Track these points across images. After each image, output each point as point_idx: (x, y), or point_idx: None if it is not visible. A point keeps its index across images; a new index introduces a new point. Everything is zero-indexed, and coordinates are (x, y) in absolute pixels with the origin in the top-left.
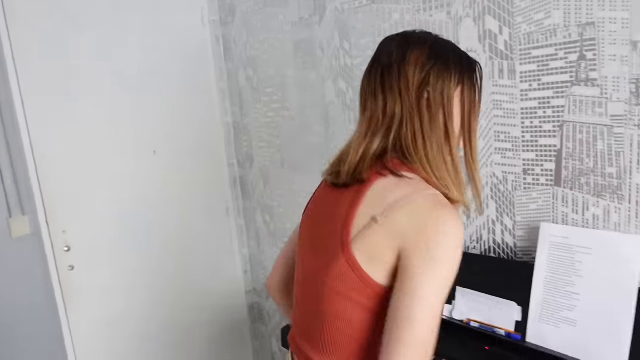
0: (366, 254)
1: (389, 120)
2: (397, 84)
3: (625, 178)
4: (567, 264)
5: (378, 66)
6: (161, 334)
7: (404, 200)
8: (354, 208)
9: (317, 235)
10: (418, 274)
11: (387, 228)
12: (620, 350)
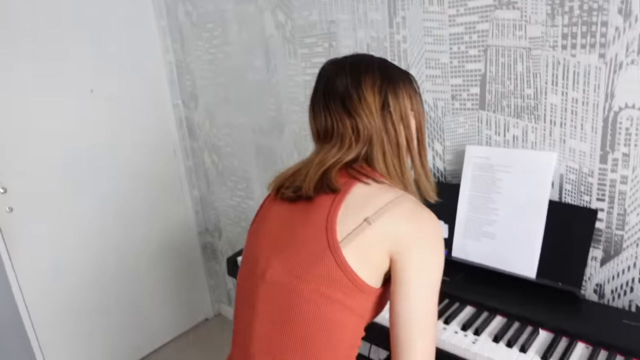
0: (357, 255)
1: (364, 140)
2: (361, 109)
3: (541, 98)
4: (488, 182)
5: (334, 94)
6: (112, 279)
7: (392, 203)
8: (334, 213)
9: (287, 243)
10: (414, 277)
11: (379, 229)
12: (532, 256)
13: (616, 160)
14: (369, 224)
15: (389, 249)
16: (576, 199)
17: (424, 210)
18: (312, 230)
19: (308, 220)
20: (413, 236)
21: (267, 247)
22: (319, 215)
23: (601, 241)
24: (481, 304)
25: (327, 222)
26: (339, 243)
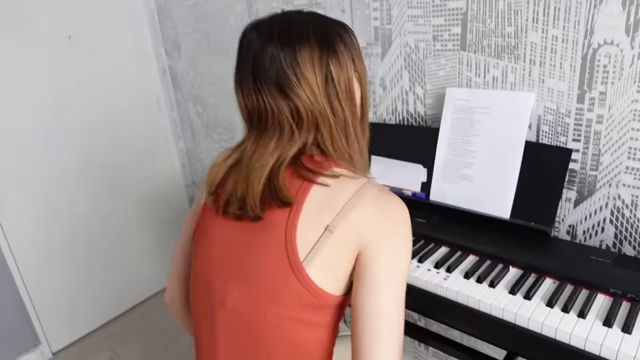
0: (323, 269)
1: (308, 125)
2: (301, 90)
3: (522, 37)
4: (467, 124)
5: (265, 76)
6: (99, 232)
7: (352, 201)
8: (292, 232)
9: (245, 268)
10: (383, 269)
11: (343, 234)
12: (507, 197)
13: (593, 99)
14: (331, 232)
15: (356, 248)
16: (553, 140)
17: (386, 198)
18: (271, 253)
19: (264, 242)
20: (378, 229)
21: (223, 273)
22: (275, 235)
23: (575, 182)
24: (455, 244)
25: (286, 243)
26: (302, 263)
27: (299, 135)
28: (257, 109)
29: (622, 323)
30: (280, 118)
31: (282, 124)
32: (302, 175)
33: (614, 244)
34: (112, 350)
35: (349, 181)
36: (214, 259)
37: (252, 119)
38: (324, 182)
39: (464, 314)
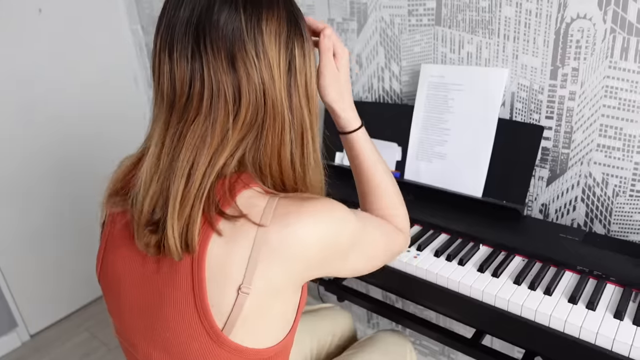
0: (251, 330)
1: (244, 121)
2: (257, 70)
3: (496, 11)
4: (441, 101)
5: (215, 35)
6: (75, 214)
7: (255, 251)
8: (202, 292)
9: (161, 334)
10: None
11: (262, 290)
12: (479, 176)
13: (566, 75)
14: (247, 294)
15: (294, 287)
16: (526, 118)
17: (289, 221)
18: (185, 322)
19: (174, 303)
20: (306, 266)
21: (141, 334)
22: (183, 294)
23: (548, 160)
24: (427, 222)
25: (197, 308)
26: (222, 331)
27: (232, 136)
28: (188, 83)
29: (587, 300)
30: (217, 103)
31: (215, 114)
32: (205, 212)
33: (585, 223)
34: (90, 332)
35: (245, 226)
36: (127, 320)
37: (172, 94)
38: (220, 229)
39: (434, 292)
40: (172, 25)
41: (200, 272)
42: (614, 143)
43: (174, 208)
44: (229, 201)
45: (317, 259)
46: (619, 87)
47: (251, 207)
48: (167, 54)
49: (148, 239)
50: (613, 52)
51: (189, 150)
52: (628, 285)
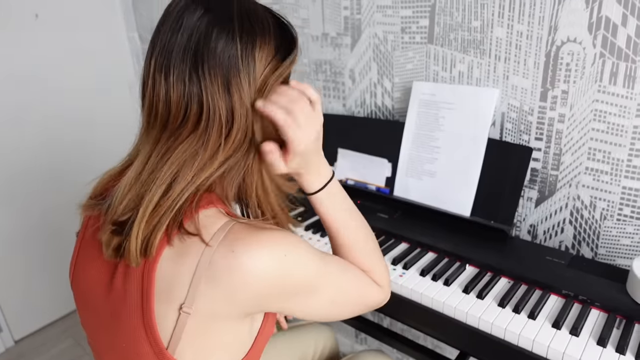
0: (196, 350)
1: (234, 149)
2: (248, 99)
3: (487, 32)
4: (432, 119)
5: (213, 60)
6: (64, 222)
7: (198, 272)
8: (148, 301)
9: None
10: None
11: (203, 314)
12: (468, 195)
13: (555, 97)
14: (188, 314)
15: (237, 314)
16: (516, 138)
17: (236, 247)
18: (133, 336)
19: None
20: (252, 293)
21: (101, 341)
22: (134, 307)
23: (537, 182)
24: (415, 240)
25: (144, 324)
26: (167, 350)
27: (219, 155)
28: (184, 105)
29: (571, 325)
30: (212, 125)
31: (210, 135)
32: (170, 223)
33: (573, 245)
34: (75, 338)
35: (194, 244)
36: (95, 331)
37: (167, 120)
38: (174, 242)
39: (418, 312)
40: (169, 49)
41: (149, 285)
42: (602, 167)
43: (144, 214)
44: (190, 215)
45: (262, 294)
46: (607, 111)
47: (207, 226)
48: (163, 76)
49: (109, 238)
50: (602, 76)
51: (173, 165)
52: (613, 311)
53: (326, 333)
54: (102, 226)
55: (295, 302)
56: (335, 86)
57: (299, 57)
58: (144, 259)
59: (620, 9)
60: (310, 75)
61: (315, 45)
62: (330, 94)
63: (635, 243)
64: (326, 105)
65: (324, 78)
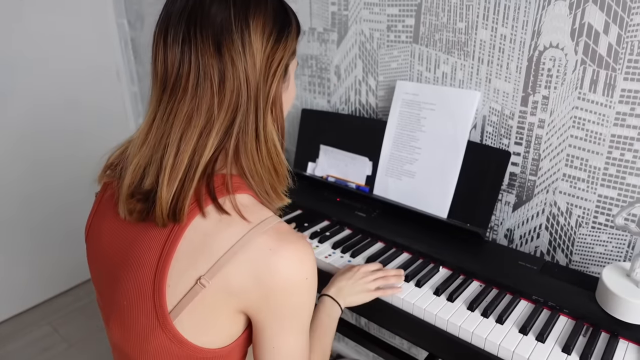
0: (194, 325)
1: (231, 113)
2: (241, 59)
3: (472, 34)
4: (414, 119)
5: (205, 24)
6: (46, 206)
7: (231, 252)
8: (163, 271)
9: (118, 304)
10: (276, 333)
11: (219, 290)
12: (446, 197)
13: (536, 102)
14: (203, 287)
15: (237, 308)
16: (496, 142)
17: (274, 249)
18: (139, 294)
19: (136, 273)
20: (264, 291)
21: (105, 297)
22: (147, 264)
23: (515, 186)
24: (391, 240)
25: (154, 283)
26: (169, 314)
27: (217, 117)
28: (178, 64)
29: (538, 331)
30: (203, 85)
31: (201, 95)
32: (197, 192)
33: (548, 251)
34: (52, 326)
35: (235, 223)
36: (101, 284)
37: (165, 80)
38: (208, 213)
39: (388, 312)
40: (169, 14)
41: (172, 248)
42: (579, 174)
43: (165, 177)
44: (225, 193)
45: (269, 296)
46: (586, 119)
47: (252, 211)
48: (162, 39)
49: (133, 206)
50: (583, 83)
51: (177, 125)
52: (580, 319)
53: None
54: (119, 191)
55: (275, 321)
56: (320, 82)
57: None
58: (172, 223)
59: (602, 16)
60: (297, 70)
61: (302, 40)
62: (316, 89)
63: (608, 251)
64: (311, 101)
65: (309, 73)
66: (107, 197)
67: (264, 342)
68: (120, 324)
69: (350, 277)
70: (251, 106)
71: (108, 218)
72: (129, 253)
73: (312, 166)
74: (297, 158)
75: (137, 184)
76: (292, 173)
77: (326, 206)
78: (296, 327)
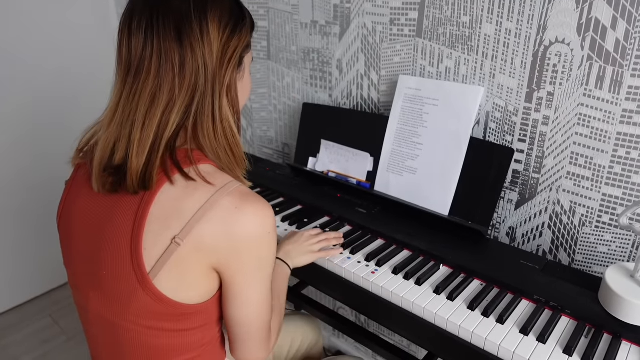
0: (173, 282)
1: (191, 93)
2: (199, 46)
3: (476, 28)
4: (416, 115)
5: (166, 13)
6: (47, 198)
7: (200, 211)
8: (139, 233)
9: (97, 274)
10: (244, 285)
11: (192, 247)
12: (447, 194)
13: (541, 99)
14: (178, 245)
15: (210, 264)
16: (499, 139)
17: (240, 207)
18: (118, 260)
19: (112, 241)
20: (227, 247)
21: (83, 275)
22: (122, 232)
23: (518, 184)
24: (391, 237)
25: (131, 247)
26: (148, 274)
27: (178, 96)
28: (141, 48)
29: (539, 332)
30: (165, 67)
31: (162, 77)
32: (163, 163)
33: (550, 250)
34: (52, 318)
35: (202, 187)
36: (75, 264)
37: (130, 64)
38: (176, 181)
39: (388, 310)
40: (133, 8)
41: (144, 214)
42: (584, 172)
43: (134, 149)
44: (189, 164)
45: (237, 248)
46: (592, 116)
47: (216, 177)
48: (127, 26)
49: (106, 179)
50: (589, 79)
51: (142, 104)
52: (582, 320)
53: (313, 324)
54: (92, 168)
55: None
56: (322, 76)
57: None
58: (142, 190)
59: (610, 11)
60: (299, 64)
61: (304, 33)
62: (318, 83)
63: (612, 251)
64: (312, 95)
65: (311, 67)
66: (79, 177)
67: (234, 296)
68: (101, 294)
69: (296, 241)
70: (208, 88)
71: (81, 196)
72: (103, 225)
73: (312, 161)
74: (297, 153)
75: (107, 159)
76: (248, 155)
77: (327, 202)
78: (261, 279)
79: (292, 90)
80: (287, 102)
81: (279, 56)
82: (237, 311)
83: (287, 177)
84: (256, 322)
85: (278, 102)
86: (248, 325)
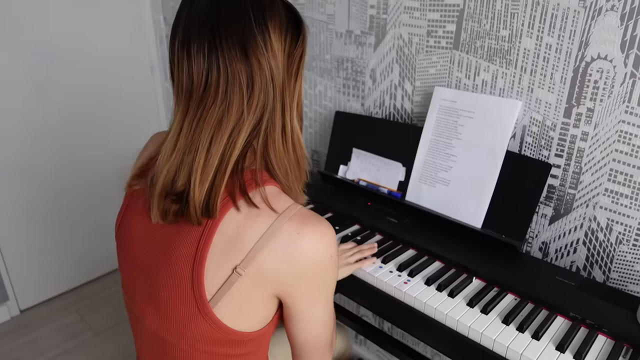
0: (232, 310)
1: (260, 111)
2: (265, 60)
3: (515, 42)
4: (451, 127)
5: (229, 31)
6: (80, 195)
7: (261, 241)
8: (201, 262)
9: (156, 293)
10: (307, 309)
11: (254, 277)
12: (481, 206)
13: (580, 115)
14: (240, 275)
15: (272, 292)
16: (535, 153)
17: (301, 233)
18: (178, 285)
19: (173, 266)
20: (290, 275)
21: (140, 293)
22: (182, 264)
23: (553, 199)
24: (423, 248)
25: (192, 275)
26: (208, 302)
27: (247, 117)
28: (204, 76)
29: (576, 350)
30: (232, 89)
31: (231, 99)
32: (229, 187)
33: (585, 267)
34: (80, 313)
35: (264, 213)
36: (132, 276)
37: (192, 90)
38: (241, 206)
39: (420, 321)
40: (188, 28)
41: (207, 242)
42: (623, 189)
43: (197, 178)
44: (255, 186)
45: (300, 274)
46: (633, 133)
47: (277, 200)
48: (185, 52)
49: (168, 206)
50: (631, 97)
51: (207, 130)
52: (620, 339)
53: (342, 332)
54: (151, 197)
55: (307, 297)
56: (355, 85)
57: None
58: (206, 219)
59: None
60: (332, 72)
61: (338, 42)
62: (350, 92)
63: None
64: (345, 104)
65: (344, 76)
66: (137, 203)
67: (299, 319)
68: (158, 313)
69: None
70: (277, 103)
71: (139, 222)
72: (164, 251)
73: (343, 169)
74: (328, 160)
75: (169, 187)
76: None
77: (357, 210)
78: (325, 300)
79: (324, 98)
80: (318, 110)
81: (312, 64)
82: (302, 332)
83: (317, 184)
84: (319, 339)
85: (309, 109)
86: (313, 343)
